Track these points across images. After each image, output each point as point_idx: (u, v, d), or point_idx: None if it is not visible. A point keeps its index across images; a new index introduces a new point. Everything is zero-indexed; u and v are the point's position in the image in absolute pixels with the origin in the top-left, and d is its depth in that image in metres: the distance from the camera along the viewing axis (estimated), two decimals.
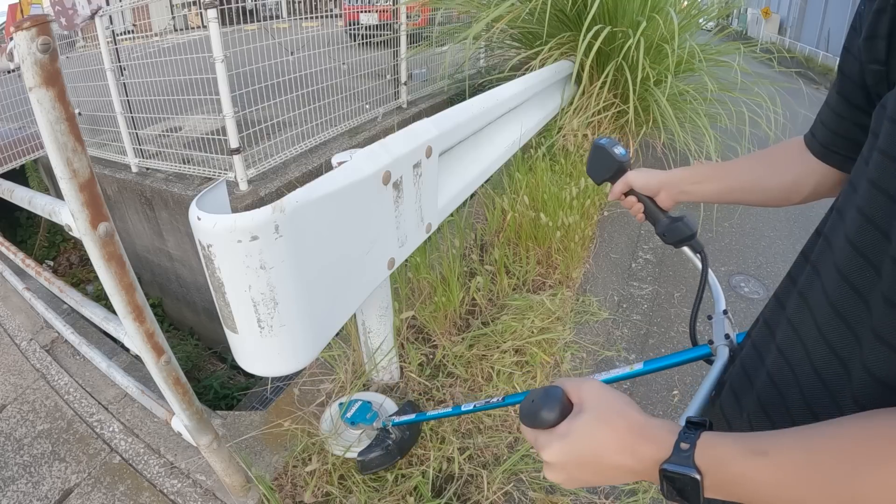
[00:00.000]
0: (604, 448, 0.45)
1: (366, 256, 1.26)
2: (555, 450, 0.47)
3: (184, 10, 4.77)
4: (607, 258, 2.76)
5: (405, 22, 4.58)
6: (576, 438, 0.46)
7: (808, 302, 0.48)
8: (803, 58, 15.21)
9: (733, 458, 0.40)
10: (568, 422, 0.48)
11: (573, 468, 0.47)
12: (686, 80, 3.72)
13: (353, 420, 1.53)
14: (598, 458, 0.46)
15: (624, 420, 0.46)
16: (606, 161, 0.91)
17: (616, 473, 0.46)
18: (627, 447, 0.45)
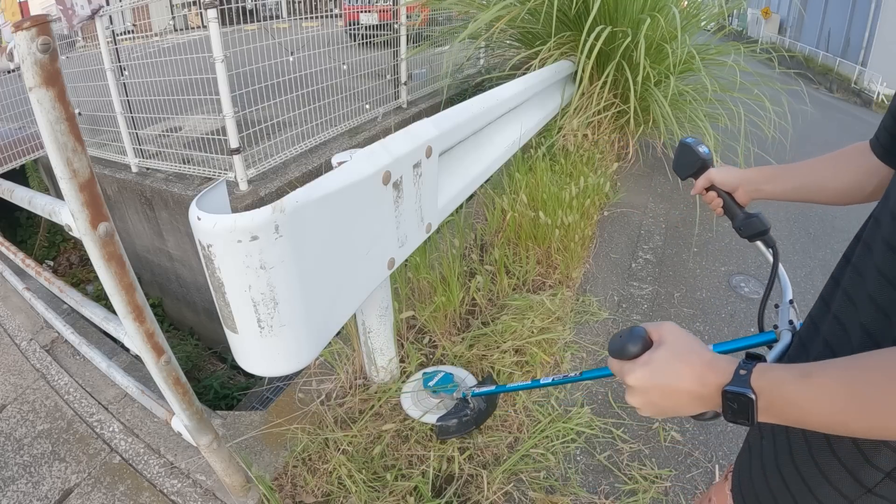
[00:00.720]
0: (677, 375, 0.54)
1: (366, 256, 1.26)
2: (637, 375, 0.56)
3: (184, 10, 4.77)
4: (607, 258, 2.76)
5: (405, 22, 4.58)
6: (655, 367, 0.55)
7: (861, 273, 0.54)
8: (803, 58, 15.22)
9: (783, 381, 0.48)
10: (649, 353, 0.56)
11: (651, 392, 0.55)
12: (686, 80, 3.73)
13: (435, 388, 1.63)
14: (671, 383, 0.54)
15: (695, 354, 0.54)
16: (691, 158, 0.97)
17: (685, 399, 0.54)
18: (697, 375, 0.53)
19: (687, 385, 0.53)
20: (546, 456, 1.58)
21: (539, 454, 1.59)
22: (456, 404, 1.61)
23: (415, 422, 1.60)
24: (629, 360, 0.57)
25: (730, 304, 2.49)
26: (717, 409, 0.53)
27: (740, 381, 0.50)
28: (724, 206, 0.95)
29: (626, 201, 3.45)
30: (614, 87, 3.33)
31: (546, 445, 1.62)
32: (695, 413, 0.57)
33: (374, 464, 1.49)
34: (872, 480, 0.52)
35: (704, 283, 2.62)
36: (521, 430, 1.67)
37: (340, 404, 1.67)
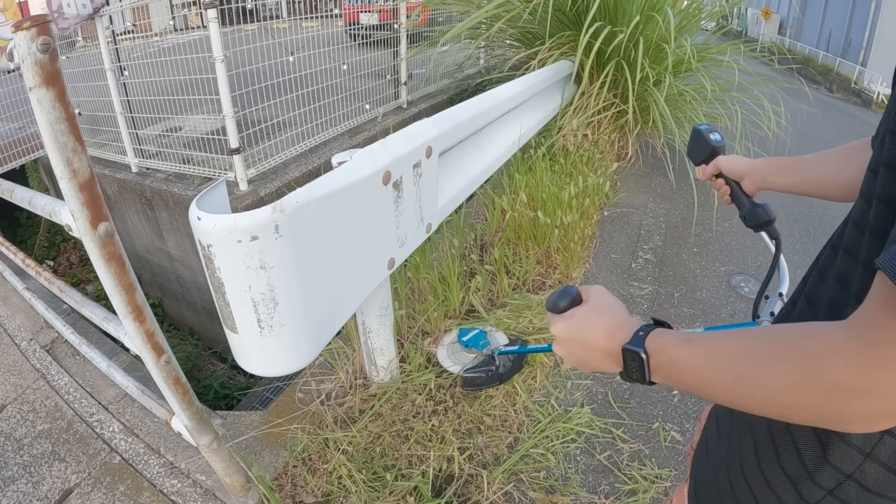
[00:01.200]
0: (591, 330, 0.59)
1: (366, 256, 1.26)
2: (559, 327, 0.62)
3: (184, 10, 4.77)
4: (607, 258, 2.76)
5: (405, 22, 4.58)
6: (574, 321, 0.61)
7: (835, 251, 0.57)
8: (803, 58, 15.22)
9: (670, 344, 0.52)
10: (573, 309, 0.62)
11: (570, 343, 0.62)
12: (685, 79, 3.73)
13: (467, 343, 1.70)
14: (586, 337, 0.60)
15: (611, 314, 0.60)
16: (702, 144, 0.99)
17: (598, 354, 0.59)
18: (608, 332, 0.58)
19: (599, 340, 0.58)
20: (546, 456, 1.58)
21: (539, 454, 1.59)
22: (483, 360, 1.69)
23: (415, 420, 1.60)
24: (557, 314, 0.63)
25: (730, 304, 2.49)
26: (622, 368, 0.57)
27: (637, 341, 0.54)
28: (731, 194, 0.96)
29: (626, 201, 3.45)
30: (614, 86, 3.33)
31: (546, 445, 1.62)
32: (612, 370, 0.60)
33: (374, 464, 1.49)
34: (815, 497, 0.52)
35: (704, 283, 2.62)
36: (521, 430, 1.67)
37: (340, 404, 1.67)
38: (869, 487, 0.48)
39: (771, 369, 0.42)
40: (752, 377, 0.43)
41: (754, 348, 0.44)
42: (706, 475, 0.69)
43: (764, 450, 0.57)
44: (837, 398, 0.39)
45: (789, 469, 0.54)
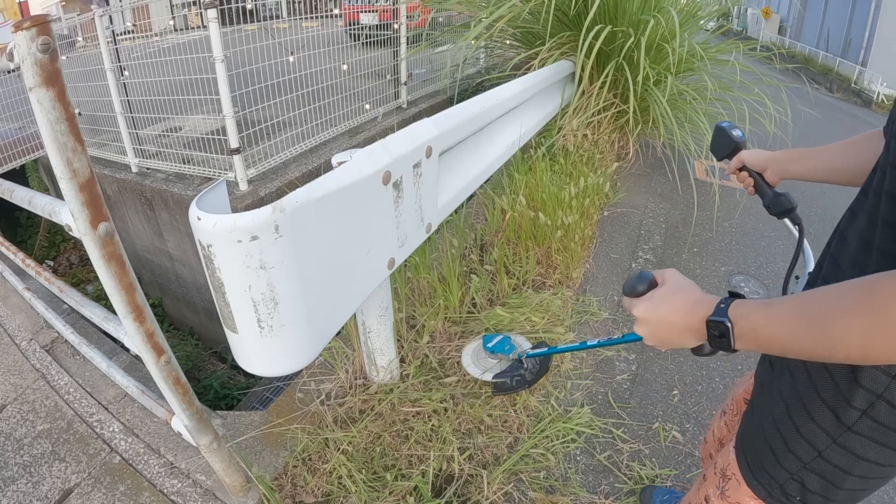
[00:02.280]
0: (672, 308, 0.65)
1: (366, 256, 1.26)
2: (641, 308, 0.67)
3: (184, 10, 4.77)
4: (607, 258, 2.76)
5: (405, 22, 4.58)
6: (655, 301, 0.66)
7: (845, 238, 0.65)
8: (803, 58, 15.21)
9: (752, 311, 0.56)
10: (653, 292, 0.68)
11: (652, 322, 0.67)
12: (686, 79, 3.73)
13: (493, 349, 1.76)
14: (667, 315, 0.65)
15: (689, 293, 0.65)
16: (725, 140, 1.07)
17: (679, 329, 0.64)
18: (688, 309, 0.63)
19: (680, 317, 0.64)
20: (546, 456, 1.58)
21: (539, 454, 1.59)
22: (511, 364, 1.73)
23: (415, 420, 1.60)
24: (637, 297, 0.69)
25: None
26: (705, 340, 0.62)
27: (720, 312, 0.59)
28: (754, 185, 1.03)
29: (626, 201, 3.45)
30: (614, 86, 3.33)
31: (546, 445, 1.62)
32: (691, 345, 0.66)
33: (374, 464, 1.49)
34: (851, 419, 0.60)
35: (704, 283, 2.61)
36: (521, 430, 1.67)
37: (340, 404, 1.67)
38: None
39: (848, 318, 0.47)
40: (833, 328, 0.48)
41: (828, 305, 0.50)
42: (752, 428, 0.76)
43: (803, 385, 0.65)
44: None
45: (827, 397, 0.61)
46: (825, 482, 0.66)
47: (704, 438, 1.15)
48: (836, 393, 0.61)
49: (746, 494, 0.77)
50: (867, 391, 0.58)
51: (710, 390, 1.92)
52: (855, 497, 0.68)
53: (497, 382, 1.68)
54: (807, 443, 0.65)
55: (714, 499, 0.85)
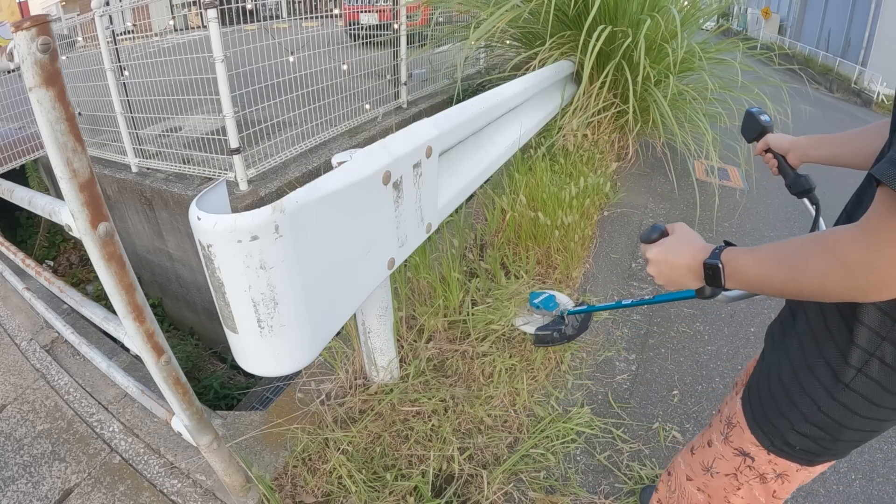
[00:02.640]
0: (679, 252, 0.77)
1: (366, 256, 1.26)
2: (654, 251, 0.80)
3: (184, 10, 4.77)
4: (607, 258, 2.76)
5: (405, 22, 4.57)
6: (665, 247, 0.79)
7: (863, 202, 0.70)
8: (803, 58, 15.21)
9: (739, 254, 0.68)
10: (663, 239, 0.80)
11: (661, 263, 0.79)
12: (686, 79, 3.73)
13: (538, 305, 1.86)
14: (674, 258, 0.77)
15: (693, 241, 0.77)
16: (754, 124, 1.16)
17: (684, 270, 0.76)
18: (691, 253, 0.75)
19: (684, 259, 0.76)
20: (546, 456, 1.58)
21: (539, 454, 1.59)
22: (553, 320, 1.82)
23: (415, 420, 1.60)
24: (650, 243, 0.81)
25: (730, 303, 2.49)
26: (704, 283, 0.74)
27: (714, 256, 0.70)
28: (778, 166, 1.12)
29: (626, 201, 3.45)
30: (614, 86, 3.33)
31: (546, 445, 1.62)
32: (693, 286, 0.77)
33: (374, 464, 1.49)
34: (848, 376, 0.67)
35: None
36: (521, 431, 1.67)
37: (340, 404, 1.67)
38: (888, 363, 0.64)
39: (809, 261, 0.58)
40: (797, 268, 0.59)
41: (797, 249, 0.60)
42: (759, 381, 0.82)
43: (809, 346, 0.72)
44: (856, 275, 0.54)
45: (828, 356, 0.69)
46: (823, 433, 0.73)
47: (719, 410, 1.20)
48: (836, 352, 0.68)
49: (749, 441, 0.83)
50: (862, 350, 0.65)
51: (710, 390, 1.92)
52: (849, 448, 0.75)
53: (539, 335, 1.77)
54: (808, 397, 0.72)
55: (717, 443, 0.90)
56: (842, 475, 1.62)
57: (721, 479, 0.90)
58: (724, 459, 0.88)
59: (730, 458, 0.87)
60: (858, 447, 0.76)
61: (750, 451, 0.83)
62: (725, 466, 0.88)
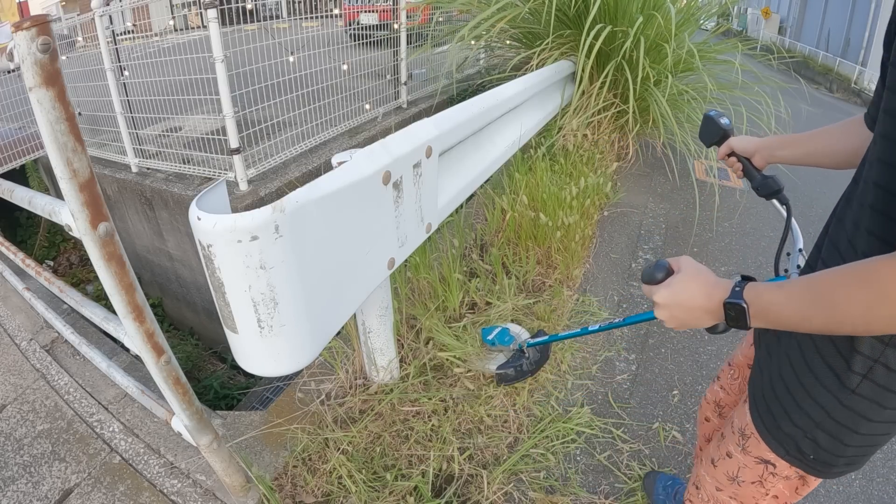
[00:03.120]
0: (691, 293, 0.71)
1: (366, 256, 1.26)
2: (661, 294, 0.73)
3: (184, 10, 4.77)
4: (607, 258, 2.76)
5: (405, 22, 4.57)
6: (674, 288, 0.72)
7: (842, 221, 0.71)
8: (803, 58, 15.21)
9: (765, 291, 0.63)
10: (671, 278, 0.73)
11: (672, 307, 0.73)
12: (686, 79, 3.72)
13: (492, 342, 1.78)
14: (686, 299, 0.71)
15: (705, 277, 0.71)
16: (713, 128, 1.12)
17: (698, 312, 0.71)
18: (706, 293, 0.69)
19: (698, 301, 0.70)
20: (546, 456, 1.58)
21: (539, 454, 1.59)
22: (513, 355, 1.77)
23: (415, 420, 1.60)
24: (656, 284, 0.74)
25: None
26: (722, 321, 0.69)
27: (736, 295, 0.65)
28: (743, 169, 1.09)
29: (626, 201, 3.45)
30: (614, 86, 3.33)
31: (546, 445, 1.62)
32: (707, 325, 0.72)
33: (374, 464, 1.49)
34: (853, 383, 0.67)
35: None
36: (521, 430, 1.67)
37: (340, 404, 1.67)
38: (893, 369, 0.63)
39: (852, 296, 0.54)
40: (839, 305, 0.55)
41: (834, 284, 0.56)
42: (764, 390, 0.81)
43: (809, 353, 0.71)
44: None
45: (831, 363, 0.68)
46: (834, 440, 0.72)
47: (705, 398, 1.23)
48: (838, 359, 0.67)
49: (766, 450, 0.83)
50: (865, 357, 0.65)
51: None
52: (863, 453, 0.74)
53: (501, 374, 1.72)
54: (816, 404, 0.71)
55: (737, 454, 0.90)
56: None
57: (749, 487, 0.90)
58: (748, 468, 0.88)
59: (752, 467, 0.87)
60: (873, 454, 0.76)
61: (769, 458, 0.83)
62: (750, 475, 0.89)
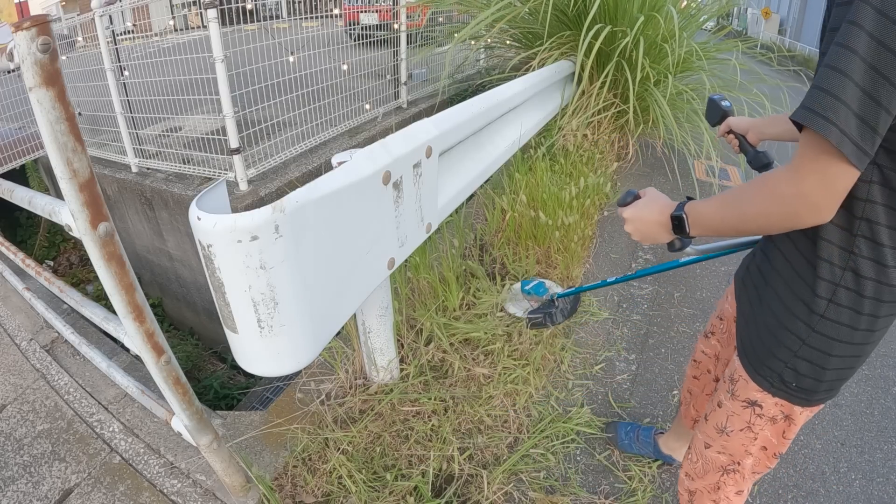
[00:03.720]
0: (650, 210, 0.92)
1: (366, 256, 1.26)
2: (629, 212, 0.95)
3: (184, 10, 4.76)
4: (607, 258, 2.76)
5: (405, 22, 4.57)
6: (638, 206, 0.94)
7: None
8: (803, 58, 15.21)
9: (697, 205, 0.83)
10: (636, 202, 0.96)
11: (636, 221, 0.94)
12: (686, 79, 3.73)
13: (529, 291, 2.04)
14: (647, 214, 0.92)
15: (662, 200, 0.92)
16: (716, 110, 1.32)
17: (655, 226, 0.91)
18: (660, 210, 0.90)
19: (654, 216, 0.90)
20: (546, 456, 1.58)
21: (539, 454, 1.59)
22: (544, 304, 2.01)
23: (415, 420, 1.60)
24: (625, 206, 0.97)
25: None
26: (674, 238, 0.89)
27: (678, 209, 0.85)
28: (739, 145, 1.25)
29: None
30: (614, 86, 3.33)
31: (546, 445, 1.62)
32: (664, 239, 0.91)
33: (374, 464, 1.49)
34: (821, 308, 0.77)
35: (704, 283, 2.62)
36: (521, 431, 1.67)
37: (340, 404, 1.67)
38: (853, 289, 0.74)
39: (754, 200, 0.71)
40: (744, 208, 0.73)
41: (741, 192, 0.74)
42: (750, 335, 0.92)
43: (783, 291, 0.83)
44: (789, 204, 0.66)
45: (801, 294, 0.79)
46: (813, 366, 0.82)
47: (694, 358, 1.33)
48: (806, 289, 0.78)
49: (753, 389, 0.91)
50: (828, 282, 0.75)
51: None
52: (840, 377, 0.83)
53: (532, 318, 1.93)
54: (792, 334, 0.81)
55: (726, 402, 0.98)
56: (842, 475, 1.62)
57: (737, 435, 0.97)
58: (736, 415, 0.96)
59: (740, 413, 0.95)
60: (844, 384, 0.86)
61: (756, 398, 0.91)
62: (738, 422, 0.96)
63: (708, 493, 1.08)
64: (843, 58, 0.58)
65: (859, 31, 0.56)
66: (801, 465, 1.64)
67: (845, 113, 0.58)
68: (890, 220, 0.69)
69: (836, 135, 0.59)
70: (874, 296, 0.73)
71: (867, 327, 0.76)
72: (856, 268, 0.72)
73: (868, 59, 0.57)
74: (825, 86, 0.60)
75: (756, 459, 0.99)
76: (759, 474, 1.03)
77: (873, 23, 0.56)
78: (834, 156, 0.60)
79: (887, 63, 0.56)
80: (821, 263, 0.75)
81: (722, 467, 1.03)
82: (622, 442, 1.62)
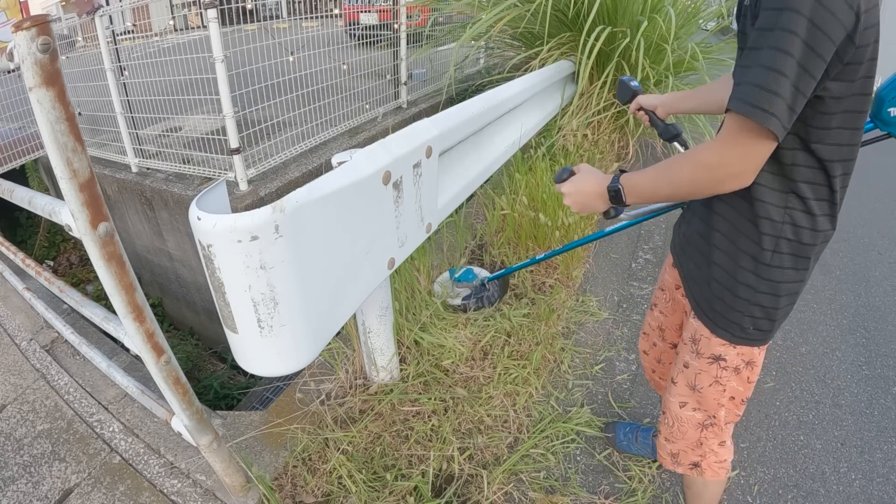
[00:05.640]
0: (587, 182, 0.99)
1: (366, 256, 1.26)
2: (566, 186, 1.02)
3: (184, 10, 4.76)
4: (607, 258, 2.76)
5: (405, 22, 4.57)
6: (575, 182, 1.01)
7: None
8: None
9: (632, 176, 0.92)
10: (572, 178, 1.02)
11: (575, 193, 1.01)
12: (686, 79, 3.72)
13: (459, 279, 2.11)
14: (584, 186, 0.99)
15: (596, 174, 1.00)
16: (626, 89, 1.42)
17: (592, 196, 0.98)
18: (596, 181, 0.97)
19: (591, 187, 0.98)
20: (546, 456, 1.58)
21: (539, 454, 1.59)
22: (476, 288, 2.11)
23: (415, 420, 1.60)
24: (563, 182, 1.03)
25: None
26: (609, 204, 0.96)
27: (615, 181, 0.93)
28: (650, 120, 1.36)
29: None
30: (614, 86, 3.32)
31: (546, 445, 1.62)
32: (601, 209, 0.98)
33: (374, 464, 1.49)
34: (766, 258, 0.88)
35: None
36: (521, 431, 1.67)
37: (340, 404, 1.67)
38: (791, 238, 0.85)
39: (683, 169, 0.83)
40: (674, 176, 0.84)
41: (672, 163, 0.85)
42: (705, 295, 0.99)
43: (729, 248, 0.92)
44: (712, 171, 0.78)
45: (746, 249, 0.90)
46: (766, 309, 0.92)
47: (643, 332, 1.41)
48: (752, 244, 0.88)
49: (717, 344, 0.99)
50: (769, 235, 0.86)
51: None
52: (787, 312, 0.94)
53: (465, 304, 2.00)
54: (744, 286, 0.91)
55: (693, 361, 1.05)
56: (842, 475, 1.62)
57: (707, 391, 1.05)
58: (704, 372, 1.03)
59: (707, 369, 1.03)
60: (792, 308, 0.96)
61: (720, 352, 1.00)
62: (706, 378, 1.04)
63: (692, 450, 1.14)
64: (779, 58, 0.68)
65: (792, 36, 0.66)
66: (801, 465, 1.64)
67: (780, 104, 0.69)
68: (812, 177, 0.81)
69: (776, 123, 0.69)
70: (810, 241, 0.86)
71: (804, 266, 0.88)
72: (792, 220, 0.84)
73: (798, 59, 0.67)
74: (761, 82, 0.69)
75: (727, 410, 1.07)
76: (732, 423, 1.10)
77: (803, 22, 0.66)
78: (759, 134, 0.72)
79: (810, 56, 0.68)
80: (761, 221, 0.85)
81: (700, 423, 1.10)
82: (621, 442, 1.62)
